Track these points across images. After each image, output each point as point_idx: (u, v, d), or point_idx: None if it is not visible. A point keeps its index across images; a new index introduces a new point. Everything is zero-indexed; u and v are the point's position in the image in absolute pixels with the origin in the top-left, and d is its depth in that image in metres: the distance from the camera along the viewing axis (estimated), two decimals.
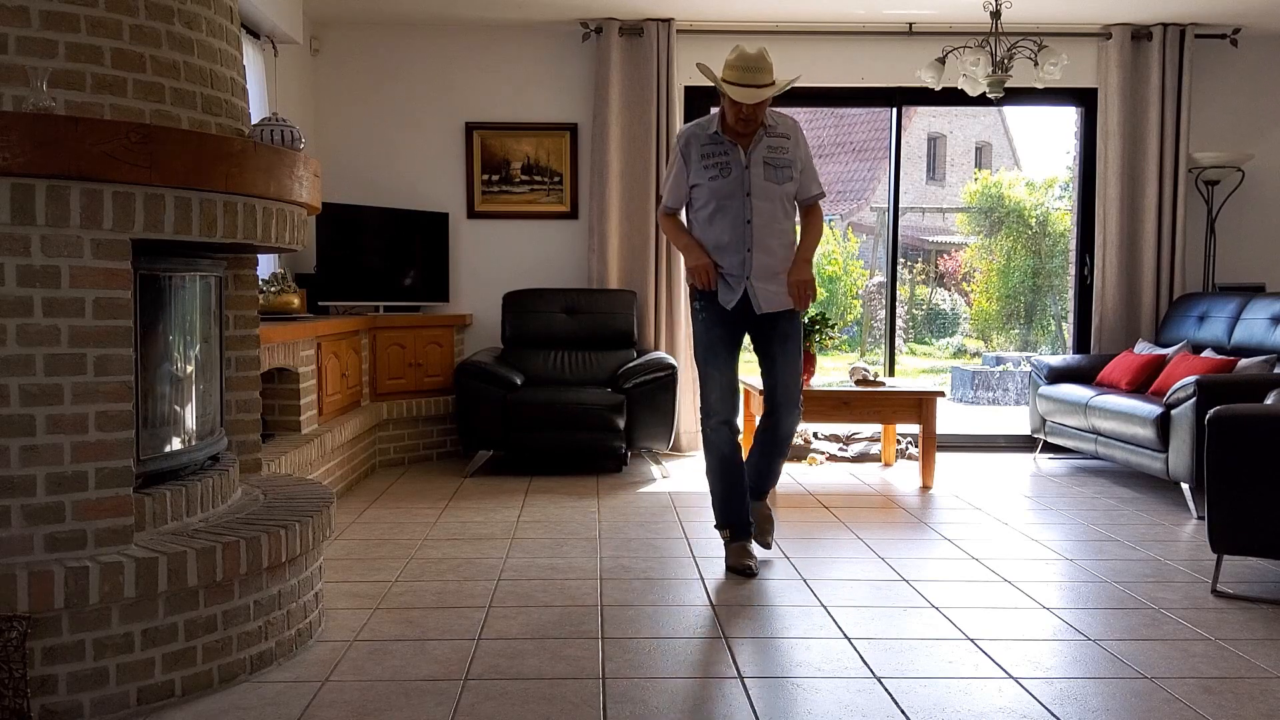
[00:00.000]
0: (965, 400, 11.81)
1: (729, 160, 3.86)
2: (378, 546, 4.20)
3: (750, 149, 3.85)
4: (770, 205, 3.87)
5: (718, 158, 3.87)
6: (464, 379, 5.72)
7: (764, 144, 3.86)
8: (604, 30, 6.33)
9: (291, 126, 3.09)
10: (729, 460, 3.94)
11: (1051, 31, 6.25)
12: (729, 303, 3.90)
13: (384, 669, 2.87)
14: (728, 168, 3.85)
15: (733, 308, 3.90)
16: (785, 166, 3.87)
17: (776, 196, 3.88)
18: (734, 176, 3.85)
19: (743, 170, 3.85)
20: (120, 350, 2.55)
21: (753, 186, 3.85)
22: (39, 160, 2.34)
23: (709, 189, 3.88)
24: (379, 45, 6.52)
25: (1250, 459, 3.53)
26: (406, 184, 6.55)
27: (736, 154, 3.85)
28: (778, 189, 3.87)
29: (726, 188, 3.86)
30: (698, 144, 3.90)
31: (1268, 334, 5.48)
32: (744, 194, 3.85)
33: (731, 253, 3.88)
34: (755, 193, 3.85)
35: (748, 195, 3.85)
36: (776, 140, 3.88)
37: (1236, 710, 2.63)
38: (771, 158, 3.86)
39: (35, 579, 2.37)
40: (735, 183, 3.85)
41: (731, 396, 3.94)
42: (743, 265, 3.87)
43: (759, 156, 3.85)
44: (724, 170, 3.85)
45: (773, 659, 2.98)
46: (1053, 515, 4.92)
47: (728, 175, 3.85)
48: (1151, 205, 6.44)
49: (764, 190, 3.85)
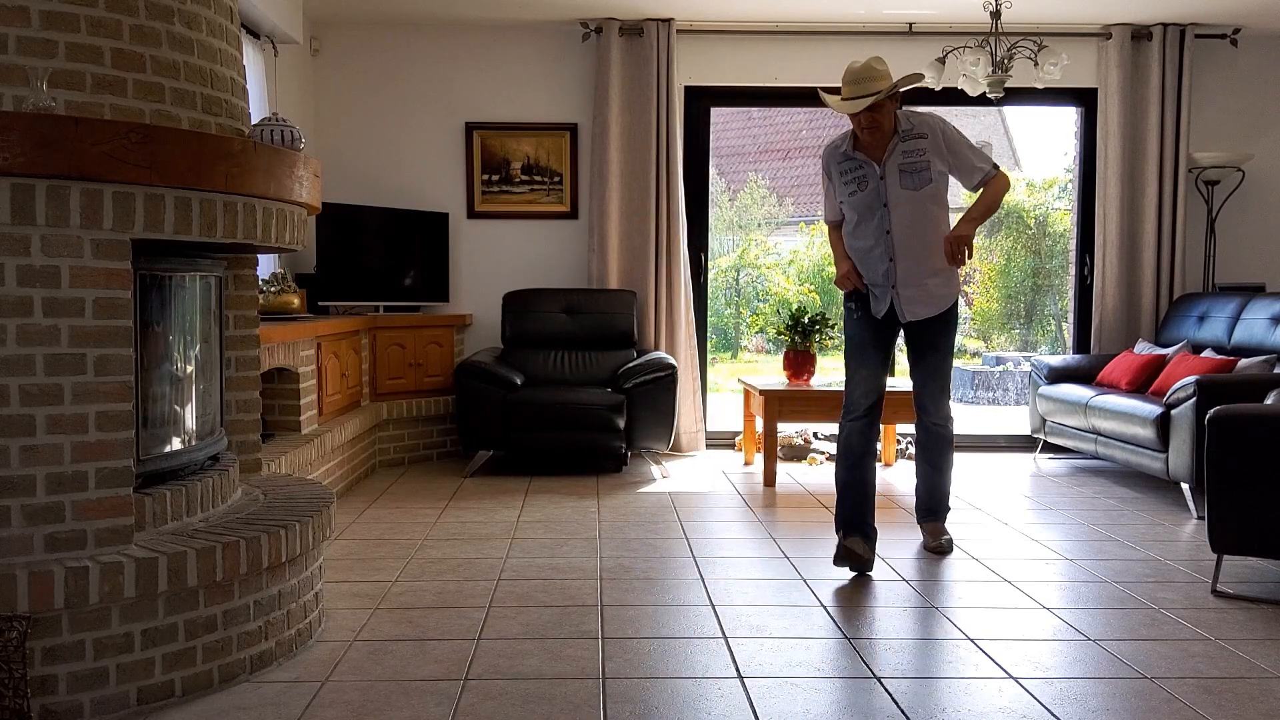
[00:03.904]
0: (965, 400, 11.81)
1: (865, 174, 3.90)
2: (378, 546, 4.20)
3: (885, 159, 3.86)
4: (910, 210, 3.87)
5: (854, 174, 3.92)
6: (464, 379, 5.71)
7: (898, 151, 3.85)
8: (604, 30, 6.33)
9: (291, 126, 3.10)
10: (852, 456, 4.00)
11: (1051, 31, 6.25)
12: (879, 312, 4.00)
13: (384, 669, 2.87)
14: (864, 181, 3.90)
15: (880, 317, 4.00)
16: (922, 170, 3.85)
17: (918, 201, 3.87)
18: (870, 189, 3.88)
19: (878, 182, 3.87)
20: (120, 350, 2.55)
21: (889, 197, 3.86)
22: (39, 160, 2.34)
23: (850, 205, 3.96)
24: (379, 45, 6.52)
25: (1250, 459, 3.52)
26: (406, 184, 6.55)
27: (871, 168, 3.88)
28: (916, 194, 3.86)
29: (864, 201, 3.90)
30: (835, 163, 3.98)
31: (1268, 334, 5.48)
32: (881, 205, 3.88)
33: (875, 263, 3.95)
34: (893, 202, 3.86)
35: (885, 206, 3.88)
36: (912, 144, 3.86)
37: (1236, 710, 2.63)
38: (907, 164, 3.85)
39: (35, 579, 2.37)
40: (872, 195, 3.88)
41: (870, 395, 4.01)
42: (886, 275, 3.93)
43: (894, 165, 3.85)
44: (861, 185, 3.91)
45: (773, 659, 2.98)
46: (1053, 515, 4.92)
47: (865, 189, 3.90)
48: (1151, 205, 6.44)
49: (901, 198, 3.86)
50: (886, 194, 3.86)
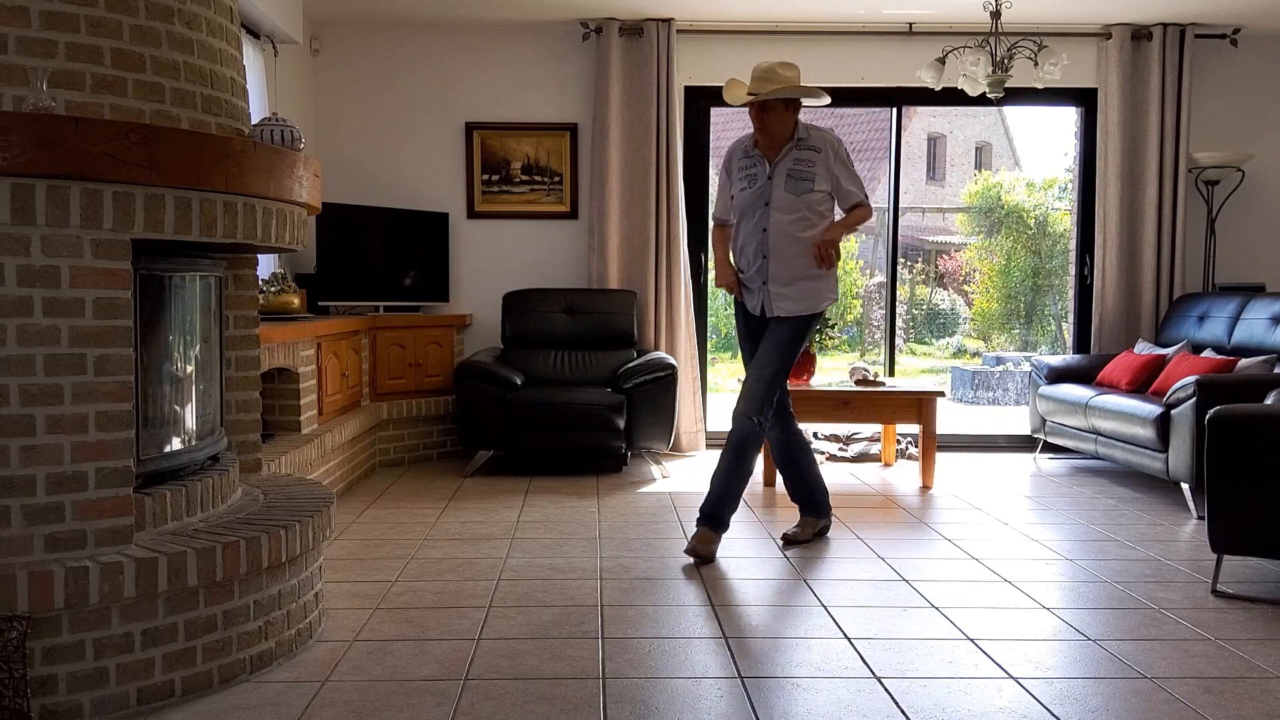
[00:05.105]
0: (965, 400, 11.81)
1: (756, 173, 4.08)
2: (378, 546, 4.20)
3: (777, 161, 4.03)
4: (789, 213, 4.02)
5: (749, 170, 4.10)
6: (464, 379, 5.71)
7: (791, 156, 4.03)
8: (604, 30, 6.33)
9: (291, 126, 3.09)
10: (736, 449, 4.08)
11: (1051, 31, 6.25)
12: (754, 307, 4.15)
13: (384, 669, 2.87)
14: (754, 179, 4.07)
15: (757, 313, 4.14)
16: (808, 179, 4.01)
17: (798, 206, 4.01)
18: (758, 187, 4.06)
19: (766, 181, 4.04)
20: (120, 350, 2.55)
21: (773, 197, 4.03)
22: (39, 160, 2.34)
23: (739, 199, 4.12)
24: (379, 45, 6.52)
25: (1250, 459, 3.52)
26: (406, 184, 6.55)
27: (763, 167, 4.06)
28: (796, 200, 4.01)
29: (750, 198, 4.07)
30: (737, 158, 4.14)
31: (1268, 334, 5.48)
32: (764, 204, 4.04)
33: (751, 259, 4.10)
34: (775, 202, 4.02)
35: (767, 205, 4.04)
36: (806, 153, 4.03)
37: (1236, 710, 2.63)
38: (795, 170, 4.02)
39: (35, 579, 2.37)
40: (758, 193, 4.06)
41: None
42: (760, 271, 4.08)
43: (783, 169, 4.03)
44: (751, 182, 4.08)
45: (773, 659, 2.98)
46: (1053, 515, 4.92)
47: (754, 185, 4.07)
48: (1151, 205, 6.44)
49: (783, 200, 4.01)
50: (771, 194, 4.03)
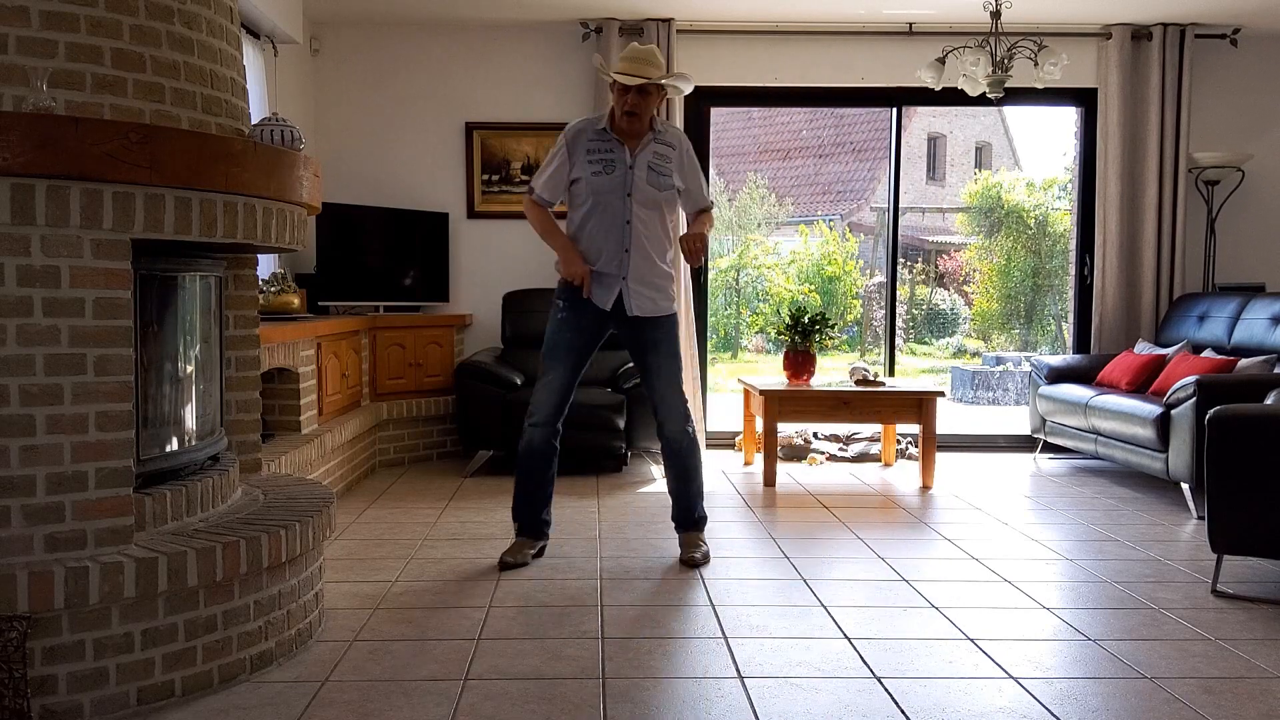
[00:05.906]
0: (965, 400, 11.81)
1: (614, 158, 3.84)
2: (378, 546, 4.20)
3: (637, 150, 3.85)
4: (649, 211, 3.87)
5: (603, 154, 3.85)
6: (464, 379, 5.71)
7: (650, 148, 3.87)
8: (604, 30, 6.33)
9: (291, 126, 3.09)
10: (535, 460, 3.97)
11: (1051, 31, 6.25)
12: (605, 302, 3.88)
13: (384, 669, 2.87)
14: (612, 165, 3.84)
15: (608, 309, 3.88)
16: (666, 175, 3.88)
17: (656, 202, 3.88)
18: (617, 175, 3.83)
19: (626, 170, 3.84)
20: (120, 350, 2.55)
21: (634, 188, 3.84)
22: (39, 160, 2.34)
23: (590, 184, 3.84)
24: (379, 45, 6.52)
25: (1250, 459, 3.52)
26: (406, 184, 6.55)
27: (622, 153, 3.84)
28: (658, 194, 3.87)
29: (608, 184, 3.84)
30: (585, 139, 3.87)
31: (1268, 334, 5.48)
32: (625, 194, 3.84)
33: (609, 252, 3.86)
34: (636, 194, 3.84)
35: (628, 195, 3.84)
36: (663, 147, 3.89)
37: (1236, 710, 2.63)
38: (656, 163, 3.87)
39: (35, 579, 2.37)
40: (617, 181, 3.84)
41: (558, 401, 3.95)
42: (620, 265, 3.86)
43: (644, 159, 3.86)
44: (608, 167, 3.84)
45: (773, 659, 2.98)
46: (1053, 515, 4.92)
47: (611, 173, 3.83)
48: (1151, 205, 6.44)
49: (645, 193, 3.85)
50: (632, 184, 3.83)
